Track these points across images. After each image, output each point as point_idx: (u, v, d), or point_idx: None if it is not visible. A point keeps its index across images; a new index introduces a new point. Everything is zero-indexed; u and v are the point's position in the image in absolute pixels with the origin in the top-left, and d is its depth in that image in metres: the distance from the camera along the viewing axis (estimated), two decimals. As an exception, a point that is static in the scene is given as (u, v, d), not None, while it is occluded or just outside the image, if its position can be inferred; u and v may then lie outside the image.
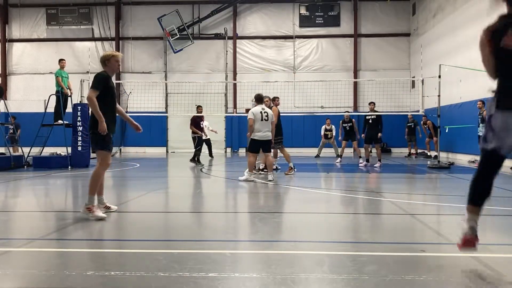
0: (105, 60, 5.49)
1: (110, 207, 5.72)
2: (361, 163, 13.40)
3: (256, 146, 9.32)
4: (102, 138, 5.33)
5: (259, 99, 9.47)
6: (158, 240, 4.40)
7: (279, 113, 10.75)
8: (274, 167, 11.72)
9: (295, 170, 10.70)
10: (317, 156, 17.93)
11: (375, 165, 12.92)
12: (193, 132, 14.57)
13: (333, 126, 18.43)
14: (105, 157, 5.45)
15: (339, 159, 15.11)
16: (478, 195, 3.20)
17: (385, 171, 12.57)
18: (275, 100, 11.00)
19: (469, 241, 3.18)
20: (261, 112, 9.20)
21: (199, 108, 14.99)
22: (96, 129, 5.28)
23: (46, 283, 3.06)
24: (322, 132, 18.38)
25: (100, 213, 5.28)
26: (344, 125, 15.11)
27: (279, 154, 12.31)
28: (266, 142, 9.30)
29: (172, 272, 3.23)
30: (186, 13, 22.75)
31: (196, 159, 14.25)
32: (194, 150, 14.46)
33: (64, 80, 12.81)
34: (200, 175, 11.23)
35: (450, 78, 15.55)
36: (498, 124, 2.89)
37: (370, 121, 13.37)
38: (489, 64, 2.99)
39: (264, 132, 9.22)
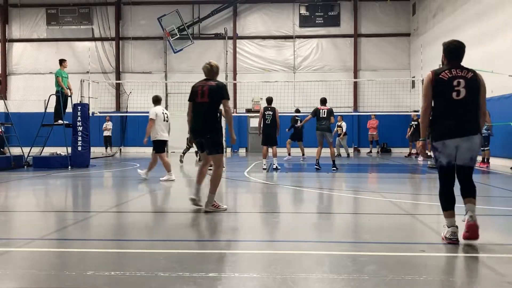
0: (218, 70, 5.89)
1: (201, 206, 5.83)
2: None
3: (164, 146, 9.53)
4: (221, 143, 5.69)
5: (157, 100, 9.60)
6: (158, 240, 4.40)
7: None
8: (274, 166, 11.70)
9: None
10: (338, 155, 18.02)
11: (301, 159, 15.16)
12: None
13: (343, 123, 18.40)
14: (222, 160, 5.89)
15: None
16: (448, 203, 4.04)
17: (385, 171, 12.58)
18: None
19: (456, 240, 3.94)
20: (163, 113, 9.39)
21: None
22: (217, 135, 5.61)
23: (46, 283, 3.06)
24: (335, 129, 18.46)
25: (223, 205, 5.78)
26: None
27: (278, 153, 12.29)
28: (166, 142, 9.55)
29: (172, 272, 3.23)
30: (186, 13, 22.74)
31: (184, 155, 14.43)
32: (187, 148, 14.49)
33: (64, 80, 12.80)
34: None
35: (450, 78, 15.53)
36: (442, 148, 3.99)
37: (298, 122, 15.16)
38: (427, 96, 4.07)
39: (165, 132, 9.45)
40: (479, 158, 13.23)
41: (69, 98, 13.11)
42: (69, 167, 12.15)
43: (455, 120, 3.91)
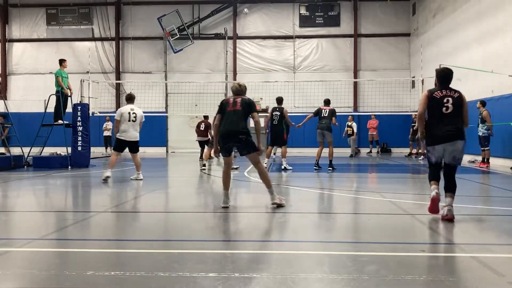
0: (246, 89, 6.46)
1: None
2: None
3: (121, 146, 9.35)
4: (254, 143, 6.11)
5: (129, 98, 9.48)
6: (158, 240, 4.40)
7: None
8: (283, 167, 11.65)
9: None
10: (351, 156, 18.05)
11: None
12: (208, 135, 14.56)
13: (354, 123, 18.40)
14: (258, 156, 6.23)
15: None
16: (434, 178, 5.37)
17: (385, 171, 12.57)
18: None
19: (436, 199, 5.20)
20: (129, 113, 9.18)
21: (206, 119, 14.95)
22: (250, 136, 6.04)
23: (46, 283, 3.06)
24: (345, 129, 18.46)
25: (283, 200, 6.14)
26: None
27: (288, 153, 12.26)
28: (134, 142, 9.37)
29: (172, 272, 3.23)
30: (186, 13, 22.74)
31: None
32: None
33: (64, 80, 12.79)
34: (200, 175, 11.23)
35: (450, 78, 15.53)
36: (432, 151, 5.32)
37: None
38: (422, 109, 5.30)
39: (131, 133, 9.25)
40: (479, 158, 13.23)
41: (69, 98, 13.11)
42: (69, 167, 12.15)
43: (444, 128, 5.16)
